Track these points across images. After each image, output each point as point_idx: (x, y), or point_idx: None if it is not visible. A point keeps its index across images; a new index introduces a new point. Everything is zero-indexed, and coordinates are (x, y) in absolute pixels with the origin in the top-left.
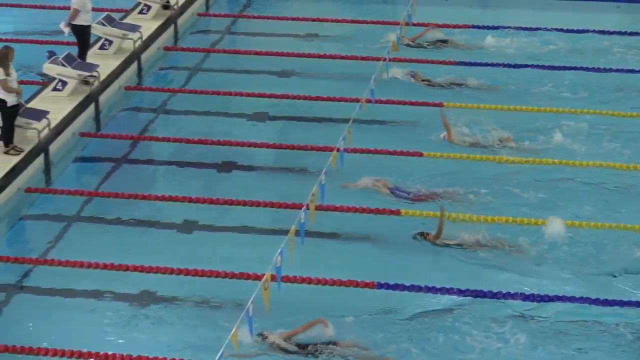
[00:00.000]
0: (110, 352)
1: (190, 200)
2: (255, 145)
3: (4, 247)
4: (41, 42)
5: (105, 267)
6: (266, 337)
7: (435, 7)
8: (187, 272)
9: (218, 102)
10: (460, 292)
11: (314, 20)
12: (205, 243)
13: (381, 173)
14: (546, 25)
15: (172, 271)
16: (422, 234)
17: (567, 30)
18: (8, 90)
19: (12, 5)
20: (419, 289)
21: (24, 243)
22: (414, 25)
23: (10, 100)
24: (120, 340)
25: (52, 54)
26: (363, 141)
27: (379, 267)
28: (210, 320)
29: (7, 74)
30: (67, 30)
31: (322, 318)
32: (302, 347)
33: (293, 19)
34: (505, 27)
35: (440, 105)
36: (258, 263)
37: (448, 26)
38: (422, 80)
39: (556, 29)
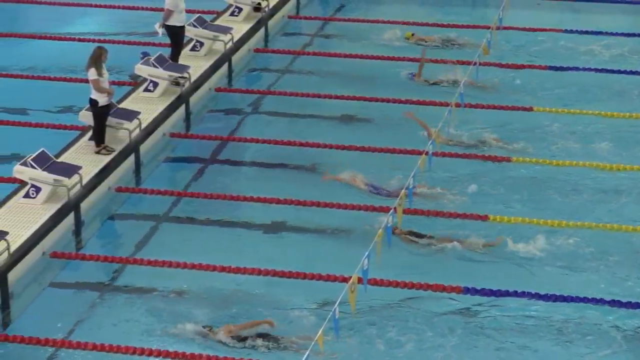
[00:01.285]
0: (196, 352)
1: (278, 201)
2: (343, 147)
3: (94, 246)
4: (134, 43)
5: (193, 267)
6: (210, 331)
7: (526, 11)
8: (274, 273)
9: (307, 104)
10: (548, 298)
11: (404, 23)
12: (292, 244)
13: (472, 178)
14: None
15: (259, 272)
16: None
17: None
18: (100, 90)
19: (106, 7)
20: (506, 294)
21: (113, 242)
22: (505, 29)
23: (102, 100)
24: (206, 340)
25: (145, 54)
26: (451, 145)
27: (466, 272)
28: (297, 321)
29: (100, 75)
30: (160, 31)
31: (269, 319)
32: (242, 339)
33: (383, 22)
34: (596, 32)
35: (530, 109)
36: (344, 265)
37: (541, 30)
38: (425, 80)
39: None
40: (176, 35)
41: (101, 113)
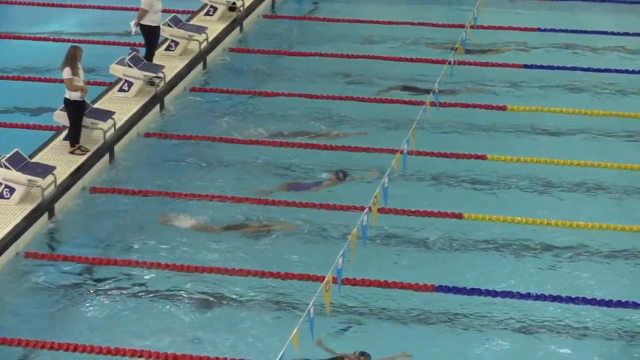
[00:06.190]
0: (174, 352)
1: (253, 201)
2: (319, 147)
3: (69, 246)
4: (111, 43)
5: (167, 267)
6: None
7: (500, 10)
8: (248, 273)
9: (283, 104)
10: (522, 296)
11: (377, 22)
12: (268, 245)
13: (447, 177)
14: (612, 29)
15: (234, 272)
16: None
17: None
18: (74, 89)
19: (83, 7)
20: (479, 292)
21: (88, 242)
22: (479, 28)
23: (74, 96)
24: (176, 339)
25: (133, 50)
26: (427, 144)
27: (439, 270)
28: (272, 321)
29: (75, 74)
30: (134, 29)
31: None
32: None
33: (357, 21)
34: (571, 31)
35: (504, 108)
36: (319, 265)
37: (514, 29)
38: None
39: (619, 33)
40: (150, 35)
41: (76, 112)
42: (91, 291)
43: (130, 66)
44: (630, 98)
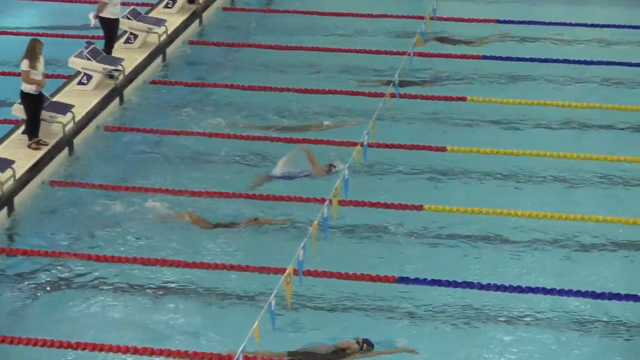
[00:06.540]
0: (135, 345)
1: (208, 194)
2: (279, 140)
3: (28, 241)
4: (71, 37)
5: (127, 260)
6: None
7: (460, 2)
8: (207, 266)
9: (244, 97)
10: (482, 287)
11: (337, 14)
12: (228, 237)
13: (407, 168)
14: (571, 20)
15: (194, 265)
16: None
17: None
18: (29, 82)
19: (44, 0)
20: (439, 283)
21: (48, 236)
22: (438, 19)
23: (28, 89)
24: (139, 332)
25: (90, 44)
26: (387, 136)
27: (400, 262)
28: (233, 313)
29: (34, 67)
30: (93, 21)
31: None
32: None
33: (317, 13)
34: (536, 22)
35: (464, 99)
36: (281, 257)
37: (473, 20)
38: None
39: (579, 24)
40: (110, 28)
41: (32, 105)
42: (52, 285)
43: (89, 59)
44: (589, 89)
